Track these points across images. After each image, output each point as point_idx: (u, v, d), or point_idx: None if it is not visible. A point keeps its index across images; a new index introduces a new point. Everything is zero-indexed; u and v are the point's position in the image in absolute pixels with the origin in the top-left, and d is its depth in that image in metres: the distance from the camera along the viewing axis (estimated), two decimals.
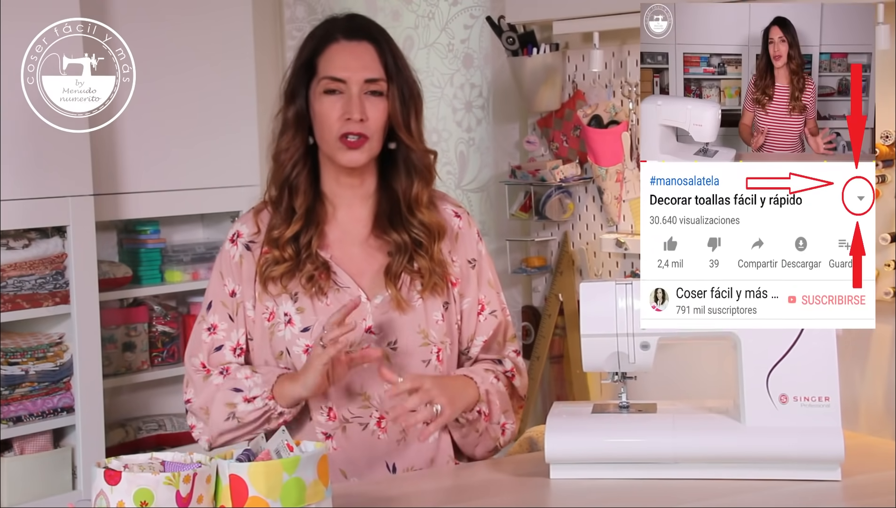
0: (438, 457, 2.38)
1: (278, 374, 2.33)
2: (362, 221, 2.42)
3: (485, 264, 2.48)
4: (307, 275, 2.35)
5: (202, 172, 3.53)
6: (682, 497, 2.13)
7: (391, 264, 2.37)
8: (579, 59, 3.59)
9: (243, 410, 2.31)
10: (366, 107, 2.33)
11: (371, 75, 2.34)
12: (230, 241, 2.43)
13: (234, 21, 3.57)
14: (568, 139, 3.62)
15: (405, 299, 2.35)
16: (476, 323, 2.45)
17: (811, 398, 2.20)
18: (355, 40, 2.36)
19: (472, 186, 3.92)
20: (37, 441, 3.22)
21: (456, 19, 3.90)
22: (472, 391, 2.36)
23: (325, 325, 2.27)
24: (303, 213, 2.37)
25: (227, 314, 2.40)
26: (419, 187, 2.40)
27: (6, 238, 3.15)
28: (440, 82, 3.85)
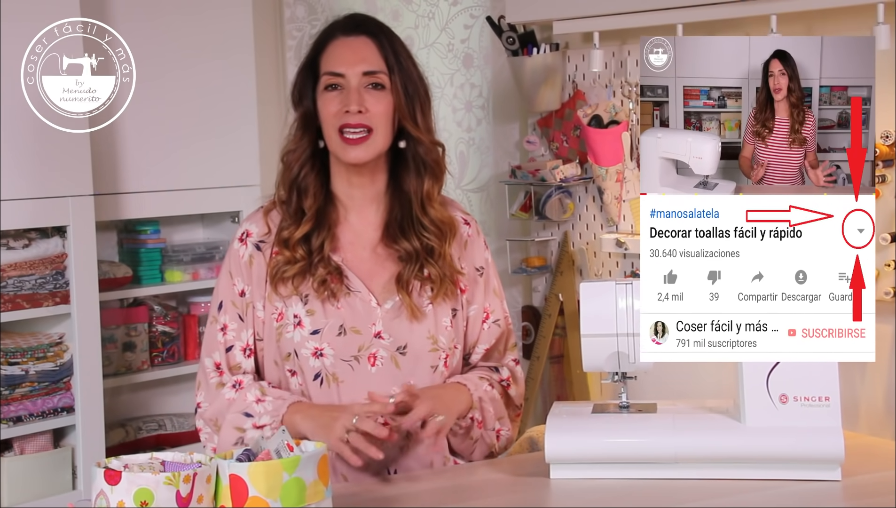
0: (436, 462, 2.38)
1: (290, 402, 2.32)
2: (374, 224, 2.41)
3: (491, 273, 2.49)
4: (319, 279, 2.34)
5: (202, 172, 3.53)
6: (682, 497, 2.13)
7: (402, 271, 2.37)
8: (579, 59, 3.59)
9: (251, 436, 2.30)
10: (366, 99, 2.32)
11: (369, 68, 2.33)
12: (239, 240, 2.42)
13: (234, 21, 3.57)
14: (568, 139, 3.62)
15: (417, 305, 2.35)
16: (480, 331, 2.45)
17: (811, 398, 2.20)
18: (353, 35, 2.36)
19: (472, 187, 3.92)
20: (37, 441, 3.22)
21: (456, 19, 3.90)
22: (465, 398, 2.36)
23: (359, 413, 2.21)
24: (313, 214, 2.37)
25: (237, 314, 2.39)
26: (429, 184, 2.40)
27: (6, 238, 3.15)
28: (440, 82, 3.85)
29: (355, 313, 2.34)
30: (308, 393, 2.35)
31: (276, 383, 2.39)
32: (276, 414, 2.30)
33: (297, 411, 2.31)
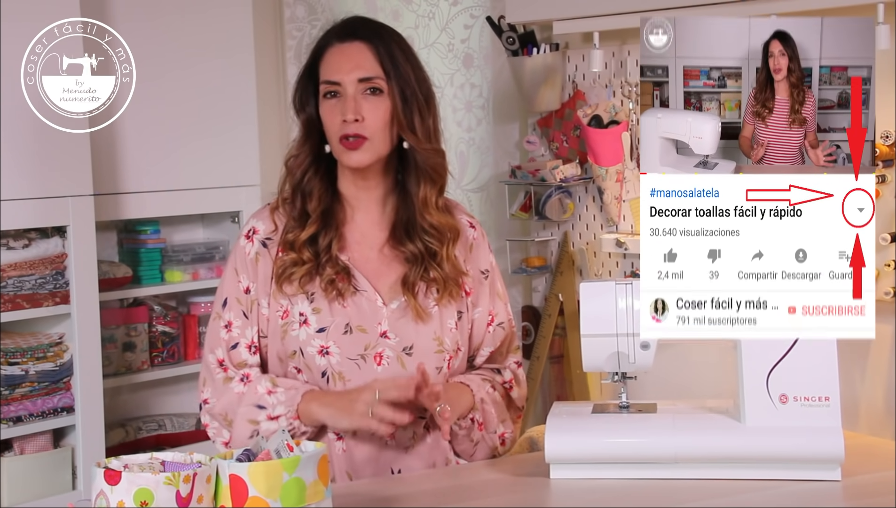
0: (439, 461, 2.39)
1: (303, 392, 2.32)
2: (380, 225, 2.41)
3: (496, 276, 2.49)
4: (327, 279, 2.34)
5: (202, 172, 3.53)
6: (682, 497, 2.13)
7: (408, 273, 2.37)
8: (579, 59, 3.59)
9: (267, 428, 2.30)
10: (363, 107, 2.32)
11: (364, 74, 2.32)
12: (245, 237, 2.41)
13: (234, 21, 3.57)
14: (568, 139, 3.62)
15: (422, 307, 2.35)
16: (485, 334, 2.46)
17: (811, 398, 2.20)
18: (347, 41, 2.35)
19: (472, 187, 3.92)
20: (37, 441, 3.22)
21: (456, 19, 3.90)
22: (467, 398, 2.37)
23: (382, 389, 2.24)
24: (317, 216, 2.37)
25: (242, 311, 2.39)
26: (426, 190, 2.39)
27: (6, 238, 3.15)
28: (440, 82, 3.85)
29: (361, 312, 2.35)
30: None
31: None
32: (290, 404, 2.30)
33: (311, 399, 2.31)
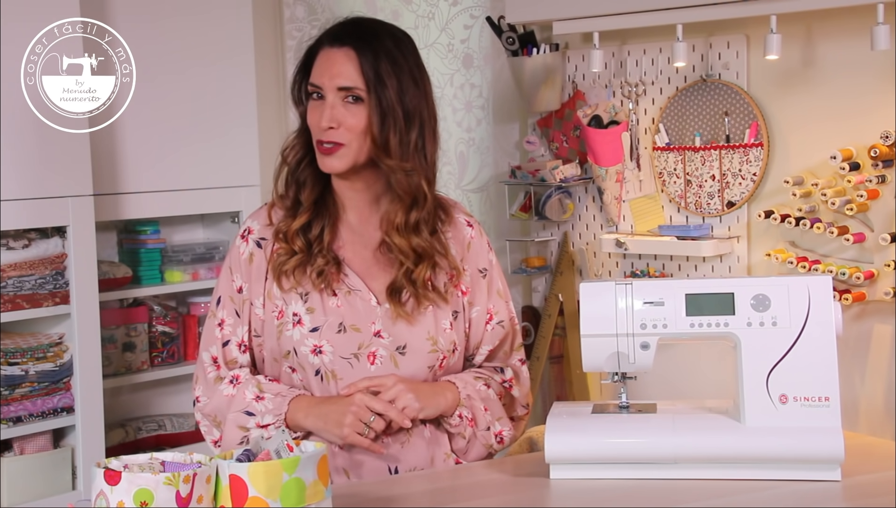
0: (437, 458, 2.39)
1: (290, 399, 2.33)
2: (374, 224, 2.41)
3: (495, 274, 2.48)
4: (318, 269, 2.34)
5: (202, 172, 3.53)
6: (682, 497, 2.13)
7: (397, 277, 2.36)
8: (579, 59, 3.60)
9: (256, 435, 2.31)
10: (342, 113, 2.30)
11: (345, 84, 2.30)
12: (241, 237, 2.43)
13: (234, 21, 3.57)
14: (568, 139, 3.62)
15: (407, 312, 2.35)
16: (483, 332, 2.45)
17: (811, 398, 2.19)
18: (337, 46, 2.32)
19: (472, 187, 3.92)
20: (37, 441, 3.22)
21: (456, 19, 3.90)
22: (450, 395, 2.36)
23: (362, 406, 2.28)
24: (310, 204, 2.37)
25: (234, 310, 2.40)
26: (394, 208, 2.35)
27: (6, 238, 3.15)
28: (440, 83, 3.85)
29: (355, 311, 2.35)
30: (310, 389, 2.36)
31: (275, 378, 2.40)
32: (277, 412, 2.32)
33: (297, 409, 2.32)
